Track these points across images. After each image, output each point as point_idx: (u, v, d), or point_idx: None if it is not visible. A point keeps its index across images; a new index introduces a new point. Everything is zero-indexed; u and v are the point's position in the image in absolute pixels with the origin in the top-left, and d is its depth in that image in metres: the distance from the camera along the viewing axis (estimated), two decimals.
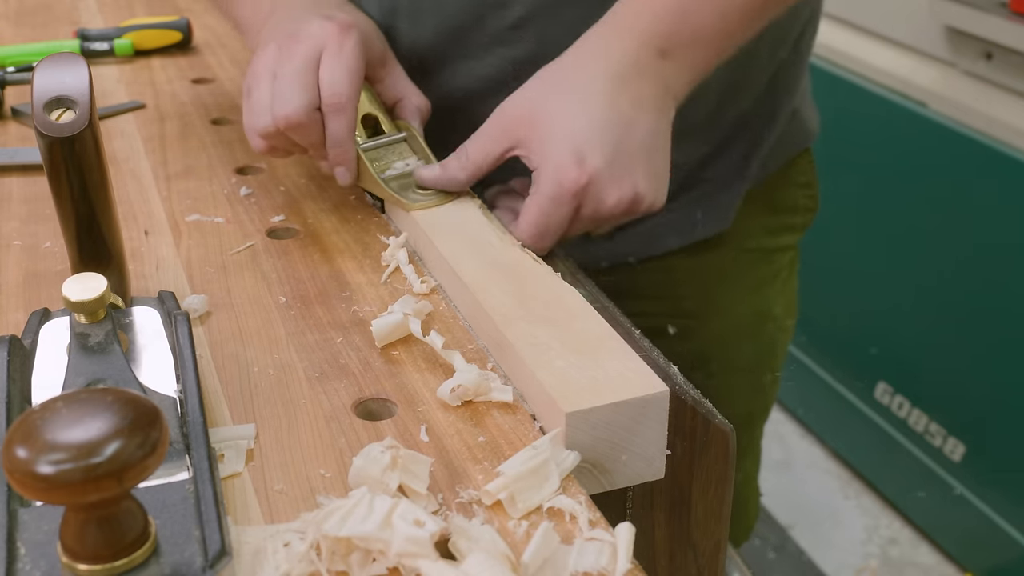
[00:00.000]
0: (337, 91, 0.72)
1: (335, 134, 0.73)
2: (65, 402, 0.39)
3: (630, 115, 0.68)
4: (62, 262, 0.71)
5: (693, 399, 0.57)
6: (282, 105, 0.71)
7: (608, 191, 0.67)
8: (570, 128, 0.67)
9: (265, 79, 0.73)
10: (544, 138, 0.68)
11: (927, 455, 1.84)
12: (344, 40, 0.73)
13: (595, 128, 0.67)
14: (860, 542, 1.92)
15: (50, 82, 0.56)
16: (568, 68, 0.71)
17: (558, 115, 0.68)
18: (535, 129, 0.68)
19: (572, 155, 0.66)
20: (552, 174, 0.66)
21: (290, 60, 0.72)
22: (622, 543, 0.46)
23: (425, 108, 0.80)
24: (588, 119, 0.67)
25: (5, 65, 1.06)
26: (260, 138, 0.74)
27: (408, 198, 0.73)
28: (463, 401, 0.56)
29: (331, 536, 0.44)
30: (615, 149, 0.67)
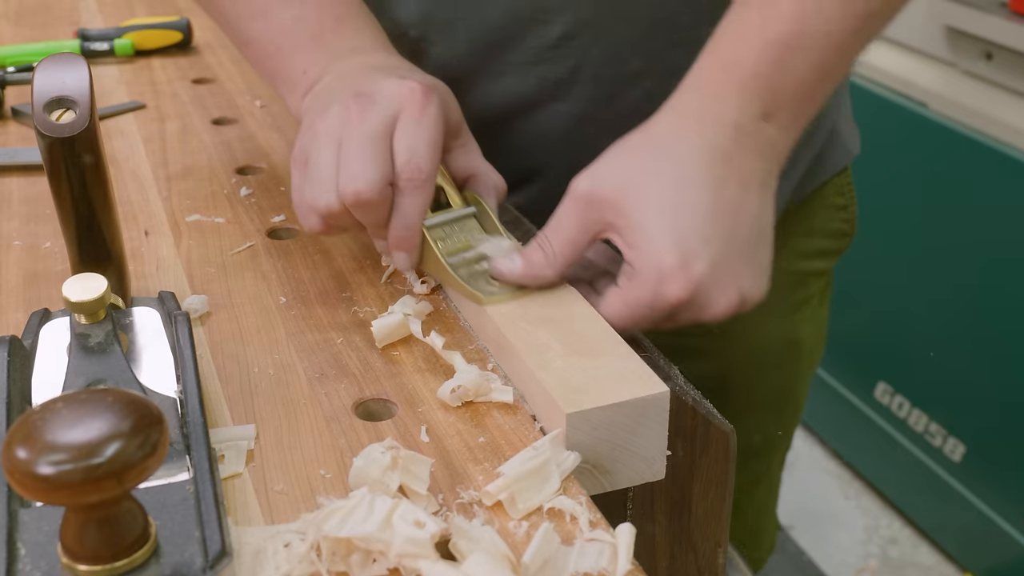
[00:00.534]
0: (417, 165, 0.61)
1: (406, 214, 0.62)
2: (65, 402, 0.39)
3: (737, 200, 0.60)
4: (62, 262, 0.71)
5: (693, 399, 0.57)
6: (351, 179, 0.61)
7: (713, 300, 0.59)
8: (672, 221, 0.58)
9: (328, 146, 0.62)
10: (641, 229, 0.58)
11: (927, 455, 1.84)
12: (426, 105, 0.63)
13: (700, 221, 0.58)
14: (860, 542, 1.92)
15: (50, 82, 0.56)
16: (661, 142, 0.62)
17: (655, 202, 0.59)
18: (628, 216, 0.59)
19: (677, 258, 0.57)
20: (652, 277, 0.58)
21: (361, 125, 0.62)
22: (622, 544, 0.46)
23: (502, 187, 0.69)
24: (692, 209, 0.58)
25: (5, 65, 1.06)
26: (318, 216, 0.63)
27: (482, 290, 0.62)
28: (463, 401, 0.56)
29: (331, 537, 0.44)
30: (723, 248, 0.59)
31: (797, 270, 0.92)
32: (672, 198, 0.58)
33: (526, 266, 0.62)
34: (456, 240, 0.66)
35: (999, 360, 1.66)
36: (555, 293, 0.62)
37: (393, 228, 0.63)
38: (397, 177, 0.62)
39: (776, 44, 0.60)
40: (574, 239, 0.61)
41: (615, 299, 0.60)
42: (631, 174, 0.60)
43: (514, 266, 0.62)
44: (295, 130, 0.94)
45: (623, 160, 0.61)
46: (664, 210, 0.58)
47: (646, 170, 0.60)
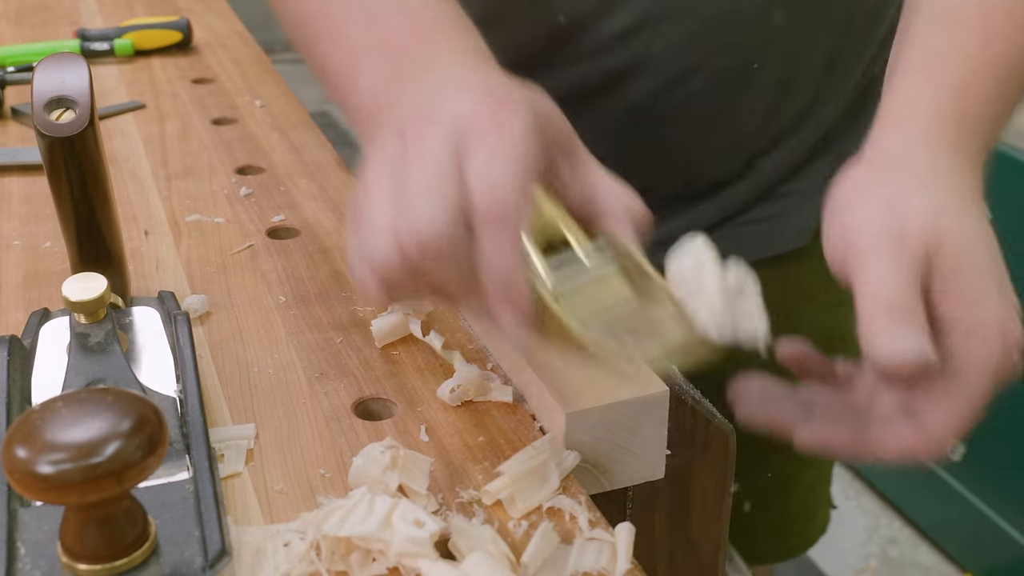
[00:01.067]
0: (496, 195, 0.45)
1: (495, 258, 0.45)
2: (65, 402, 0.39)
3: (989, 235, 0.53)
4: (62, 262, 0.71)
5: (693, 399, 0.57)
6: (411, 222, 0.45)
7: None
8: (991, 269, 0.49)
9: (382, 187, 0.48)
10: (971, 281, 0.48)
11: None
12: (507, 116, 0.47)
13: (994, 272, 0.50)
14: (860, 542, 1.92)
15: (50, 82, 0.56)
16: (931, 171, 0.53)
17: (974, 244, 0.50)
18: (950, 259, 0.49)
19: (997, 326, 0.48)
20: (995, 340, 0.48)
21: (419, 154, 0.47)
22: (622, 543, 0.46)
23: (640, 215, 0.52)
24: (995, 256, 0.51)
25: (5, 65, 1.06)
26: (374, 275, 0.47)
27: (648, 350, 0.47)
28: (463, 401, 0.56)
29: (331, 536, 0.44)
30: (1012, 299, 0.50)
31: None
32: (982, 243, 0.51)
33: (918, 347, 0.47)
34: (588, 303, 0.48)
35: None
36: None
37: (488, 280, 0.46)
38: (476, 214, 0.46)
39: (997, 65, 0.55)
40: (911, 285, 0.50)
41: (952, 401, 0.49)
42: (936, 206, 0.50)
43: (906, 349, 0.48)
44: (295, 130, 0.94)
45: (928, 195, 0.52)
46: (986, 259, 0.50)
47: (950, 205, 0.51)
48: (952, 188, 0.52)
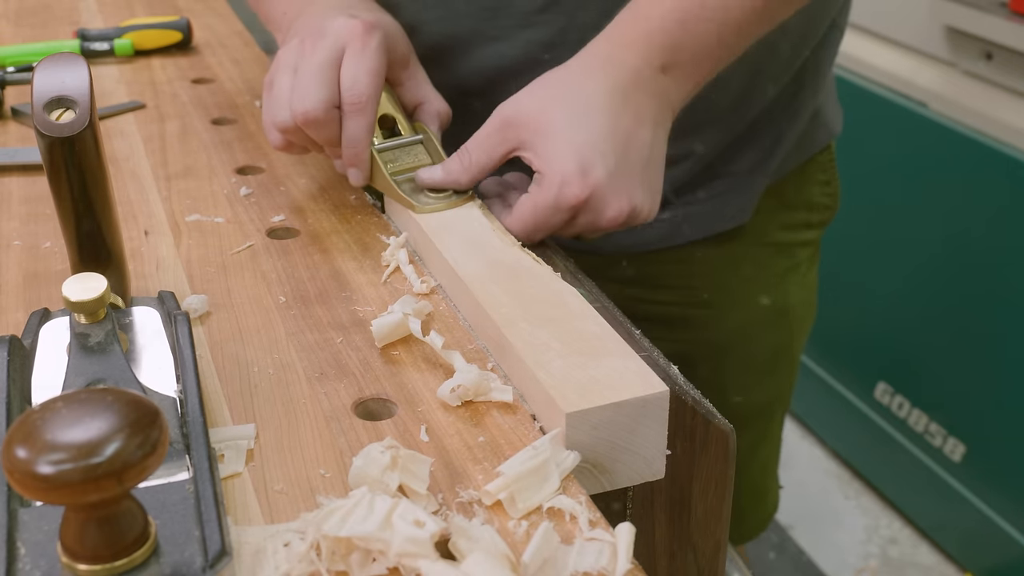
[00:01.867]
0: (358, 91, 0.72)
1: (352, 134, 0.73)
2: (65, 402, 0.39)
3: (631, 129, 0.69)
4: (62, 262, 0.71)
5: (693, 399, 0.57)
6: (301, 100, 0.71)
7: (607, 204, 0.68)
8: (575, 138, 0.68)
9: (286, 73, 0.74)
10: (549, 144, 0.68)
11: (927, 455, 1.84)
12: (368, 39, 0.73)
13: (599, 140, 0.68)
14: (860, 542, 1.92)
15: (50, 82, 0.56)
16: (572, 78, 0.71)
17: (563, 123, 0.68)
18: (539, 134, 0.69)
19: (577, 166, 0.67)
20: (555, 182, 0.67)
21: (312, 55, 0.72)
22: (622, 543, 0.46)
23: (445, 113, 0.80)
24: (593, 131, 0.68)
25: (5, 65, 1.06)
26: (278, 132, 0.74)
27: (418, 201, 0.73)
28: (463, 401, 0.56)
29: (331, 536, 0.44)
30: (616, 163, 0.68)
31: (782, 241, 0.99)
32: (576, 121, 0.68)
33: (445, 173, 0.73)
34: (403, 163, 0.76)
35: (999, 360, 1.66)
36: (555, 293, 0.62)
37: (344, 147, 0.73)
38: (343, 102, 0.72)
39: (682, 9, 0.70)
40: (490, 152, 0.71)
41: (524, 203, 0.69)
42: (545, 102, 0.70)
43: (434, 174, 0.73)
44: None
45: (539, 91, 0.71)
46: (568, 130, 0.68)
47: (556, 98, 0.70)
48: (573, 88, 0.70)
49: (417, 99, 0.80)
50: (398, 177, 0.75)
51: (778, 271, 1.00)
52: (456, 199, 0.73)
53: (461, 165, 0.72)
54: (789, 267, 1.00)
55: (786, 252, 1.00)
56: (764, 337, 1.01)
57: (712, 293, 0.97)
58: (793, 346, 1.06)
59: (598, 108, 0.69)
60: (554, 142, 0.68)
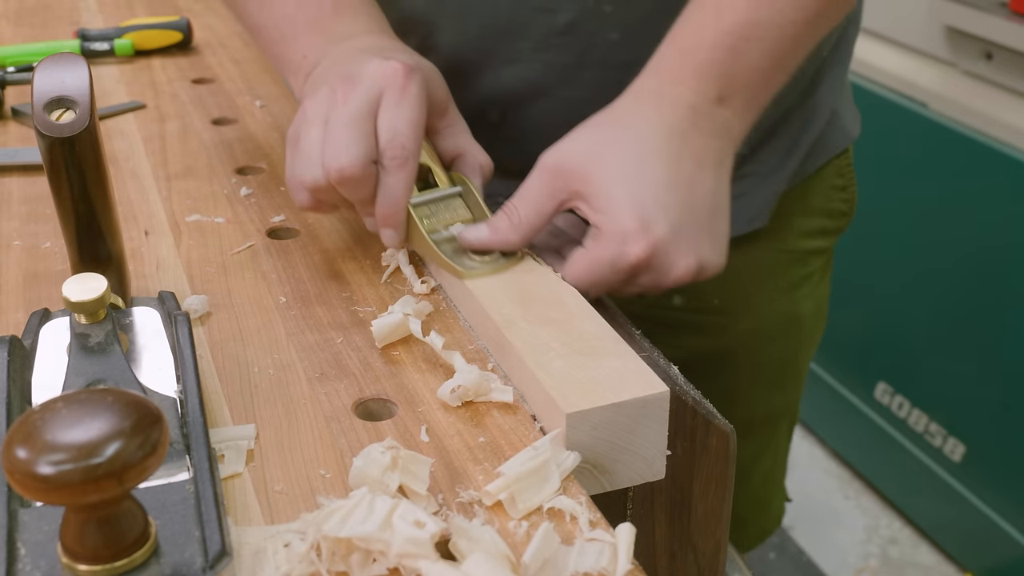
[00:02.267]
0: (398, 143, 0.64)
1: (390, 192, 0.65)
2: (65, 402, 0.39)
3: (692, 174, 0.64)
4: (62, 262, 0.71)
5: (693, 399, 0.57)
6: (335, 155, 0.63)
7: (672, 263, 0.62)
8: (634, 188, 0.62)
9: (315, 125, 0.66)
10: (605, 195, 0.62)
11: (927, 455, 1.84)
12: (407, 84, 0.65)
13: (660, 191, 0.62)
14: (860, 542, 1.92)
15: (50, 82, 0.56)
16: (623, 120, 0.66)
17: (618, 171, 0.63)
18: (593, 184, 0.63)
19: (638, 220, 0.61)
20: (616, 238, 0.61)
21: (345, 104, 0.65)
22: (622, 544, 0.46)
23: (487, 166, 0.72)
24: (652, 180, 0.62)
25: (5, 65, 1.06)
26: (307, 191, 0.66)
27: (463, 264, 0.64)
28: (463, 401, 0.56)
29: (331, 537, 0.44)
30: (680, 215, 0.62)
31: (797, 248, 0.95)
32: (633, 169, 0.63)
33: (492, 232, 0.65)
34: (441, 218, 0.68)
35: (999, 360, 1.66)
36: (555, 293, 0.62)
37: (379, 205, 0.65)
38: (381, 155, 0.64)
39: (731, 33, 0.65)
40: (540, 207, 0.65)
41: (580, 259, 0.63)
42: (595, 147, 0.64)
43: (480, 233, 0.65)
44: None
45: (588, 136, 0.65)
46: (626, 179, 0.62)
47: (609, 144, 0.64)
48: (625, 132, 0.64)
49: (456, 150, 0.72)
50: (437, 236, 0.67)
51: (792, 279, 0.96)
52: (505, 262, 0.65)
53: (510, 223, 0.65)
54: (803, 276, 0.97)
55: (801, 260, 0.96)
56: (772, 347, 0.98)
57: (723, 299, 0.93)
58: (801, 357, 1.03)
59: (655, 153, 0.63)
60: (610, 193, 0.62)
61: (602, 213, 0.62)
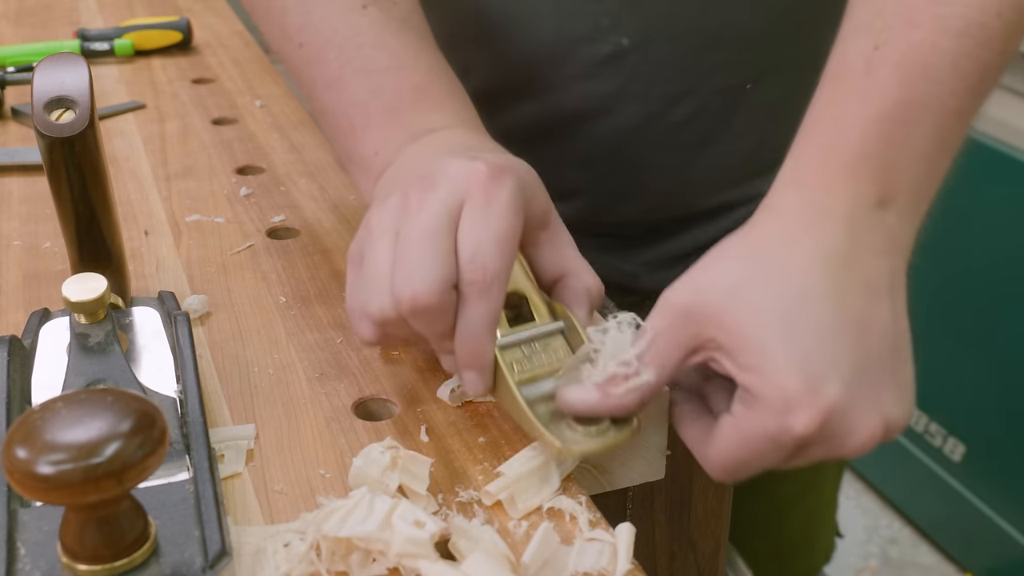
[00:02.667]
0: (481, 264, 0.51)
1: (471, 325, 0.52)
2: (65, 402, 0.39)
3: (864, 310, 0.50)
4: (62, 262, 0.71)
5: None
6: (407, 280, 0.50)
7: (851, 428, 0.49)
8: (793, 338, 0.48)
9: (383, 241, 0.53)
10: (756, 347, 0.48)
11: (927, 455, 1.84)
12: (497, 190, 0.52)
13: (826, 338, 0.49)
14: (860, 542, 1.92)
15: (50, 82, 0.56)
16: (766, 248, 0.52)
17: (770, 316, 0.49)
18: (736, 333, 0.49)
19: (803, 381, 0.47)
20: (775, 405, 0.48)
21: (420, 214, 0.52)
22: (622, 543, 0.46)
23: (597, 292, 0.57)
24: (814, 325, 0.49)
25: (5, 65, 1.06)
26: (371, 323, 0.54)
27: (561, 436, 0.50)
28: (463, 401, 0.56)
29: (331, 536, 0.44)
30: (855, 368, 0.49)
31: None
32: (789, 312, 0.49)
33: (602, 395, 0.50)
34: (538, 363, 0.53)
35: (999, 360, 1.66)
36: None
37: (458, 342, 0.52)
38: (460, 280, 0.51)
39: (883, 119, 0.51)
40: (666, 360, 0.50)
41: (729, 433, 0.49)
42: (737, 284, 0.50)
43: (587, 396, 0.50)
44: (295, 130, 0.94)
45: (726, 268, 0.51)
46: (781, 326, 0.49)
47: (754, 280, 0.50)
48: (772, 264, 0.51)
49: (558, 270, 0.57)
50: (530, 390, 0.52)
51: None
52: (617, 433, 0.50)
53: (627, 386, 0.50)
54: None
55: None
56: None
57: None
58: None
59: (813, 290, 0.49)
60: (762, 345, 0.48)
61: (753, 372, 0.48)
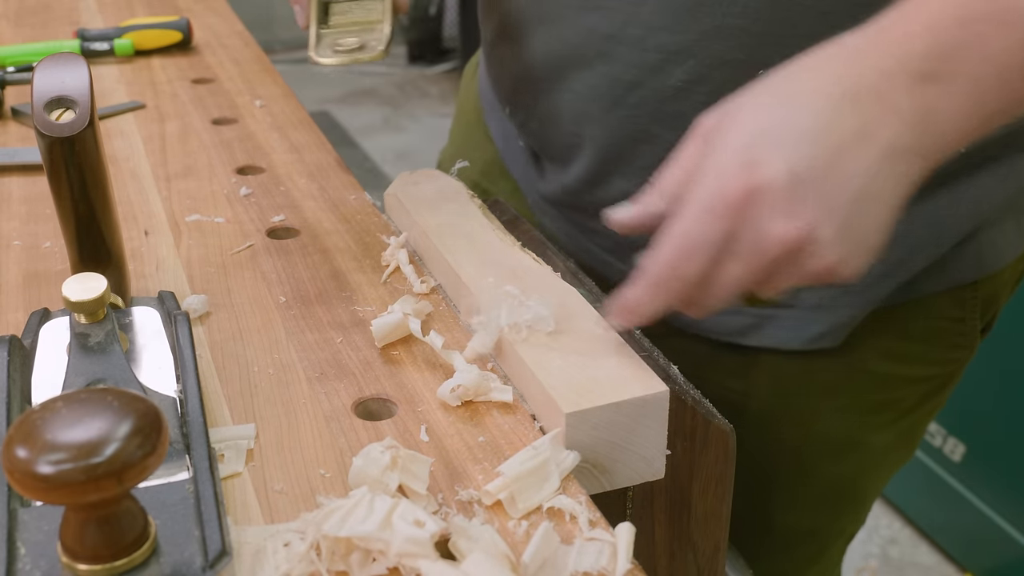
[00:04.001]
0: None
1: None
2: (65, 402, 0.39)
3: (846, 141, 0.48)
4: (62, 262, 0.71)
5: (693, 399, 0.57)
6: None
7: (774, 215, 0.48)
8: (754, 127, 0.49)
9: None
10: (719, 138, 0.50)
11: (927, 455, 1.84)
12: None
13: (787, 134, 0.49)
14: (860, 542, 1.92)
15: (50, 82, 0.56)
16: (795, 70, 0.52)
17: (747, 113, 0.50)
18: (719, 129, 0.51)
19: (740, 157, 0.49)
20: (709, 178, 0.49)
21: None
22: (622, 543, 0.46)
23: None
24: (783, 121, 0.49)
25: (5, 65, 1.06)
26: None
27: (319, 52, 0.71)
28: (463, 401, 0.56)
29: (331, 536, 0.44)
30: (806, 167, 0.48)
31: (875, 370, 0.77)
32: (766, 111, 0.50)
33: (640, 208, 0.54)
34: (353, 16, 0.73)
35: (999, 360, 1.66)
36: (555, 293, 0.62)
37: None
38: None
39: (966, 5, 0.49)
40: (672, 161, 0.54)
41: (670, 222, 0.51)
42: (744, 99, 0.51)
43: (627, 212, 0.55)
44: (295, 130, 0.94)
45: (748, 91, 0.52)
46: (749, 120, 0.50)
47: (758, 91, 0.51)
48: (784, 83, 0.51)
49: None
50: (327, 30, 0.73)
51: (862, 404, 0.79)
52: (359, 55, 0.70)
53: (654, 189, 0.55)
54: (879, 403, 0.79)
55: (879, 385, 0.77)
56: (825, 467, 0.82)
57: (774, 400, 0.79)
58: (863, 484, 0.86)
59: (807, 102, 0.49)
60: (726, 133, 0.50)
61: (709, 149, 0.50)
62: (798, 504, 0.84)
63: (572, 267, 0.69)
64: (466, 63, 1.04)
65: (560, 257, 0.70)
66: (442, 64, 4.17)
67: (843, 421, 0.79)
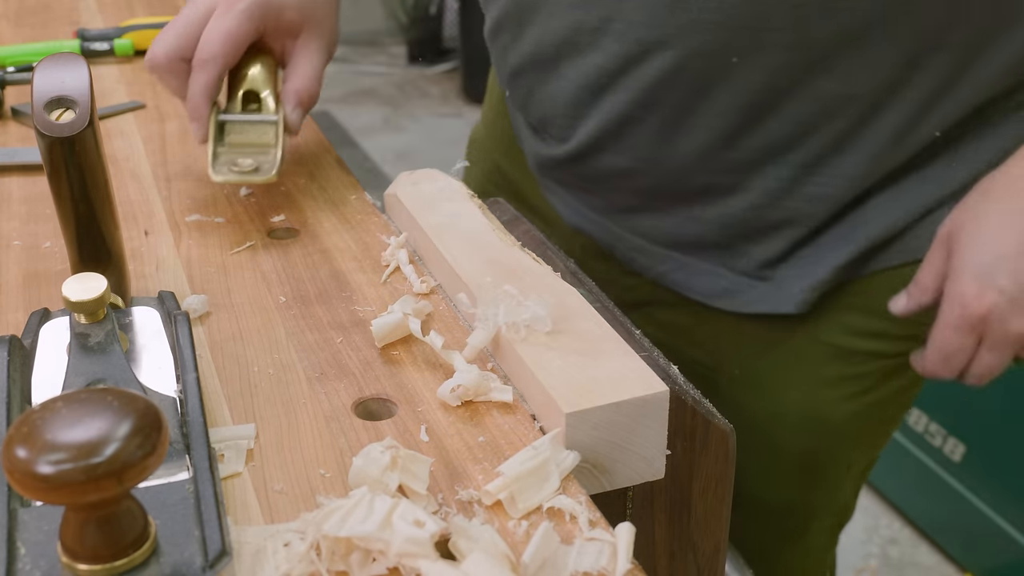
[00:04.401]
0: (205, 49, 0.74)
1: (191, 89, 0.75)
2: (65, 402, 0.39)
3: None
4: (62, 262, 0.71)
5: (693, 399, 0.57)
6: (155, 45, 0.75)
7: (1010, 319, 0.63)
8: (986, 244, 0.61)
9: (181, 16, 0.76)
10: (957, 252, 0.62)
11: (927, 455, 1.84)
12: (235, 2, 0.75)
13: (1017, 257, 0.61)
14: (860, 542, 1.92)
15: (50, 82, 0.56)
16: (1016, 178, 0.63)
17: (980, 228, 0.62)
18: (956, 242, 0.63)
19: (979, 283, 0.62)
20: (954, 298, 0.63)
21: (185, 9, 0.76)
22: (622, 543, 0.46)
23: (305, 92, 0.78)
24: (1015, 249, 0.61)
25: (5, 65, 1.06)
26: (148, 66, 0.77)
27: (216, 168, 0.75)
28: (463, 401, 0.56)
29: (331, 536, 0.44)
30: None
31: (836, 344, 0.82)
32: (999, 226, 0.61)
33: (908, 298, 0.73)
34: (247, 138, 0.78)
35: None
36: (555, 293, 0.62)
37: (187, 98, 0.76)
38: (194, 58, 0.75)
39: None
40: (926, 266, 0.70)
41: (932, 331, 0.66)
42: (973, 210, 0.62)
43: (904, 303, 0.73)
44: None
45: (974, 197, 0.64)
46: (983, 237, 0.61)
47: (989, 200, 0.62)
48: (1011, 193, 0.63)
49: (292, 74, 0.79)
50: (224, 148, 0.77)
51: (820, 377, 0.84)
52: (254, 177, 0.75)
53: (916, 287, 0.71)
54: (838, 377, 0.84)
55: (838, 358, 0.83)
56: (790, 441, 0.87)
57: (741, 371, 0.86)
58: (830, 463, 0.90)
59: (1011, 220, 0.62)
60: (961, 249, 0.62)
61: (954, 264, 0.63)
62: (770, 478, 0.90)
63: (572, 267, 0.69)
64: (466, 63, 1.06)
65: (560, 257, 0.70)
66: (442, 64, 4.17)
67: (805, 394, 0.85)
